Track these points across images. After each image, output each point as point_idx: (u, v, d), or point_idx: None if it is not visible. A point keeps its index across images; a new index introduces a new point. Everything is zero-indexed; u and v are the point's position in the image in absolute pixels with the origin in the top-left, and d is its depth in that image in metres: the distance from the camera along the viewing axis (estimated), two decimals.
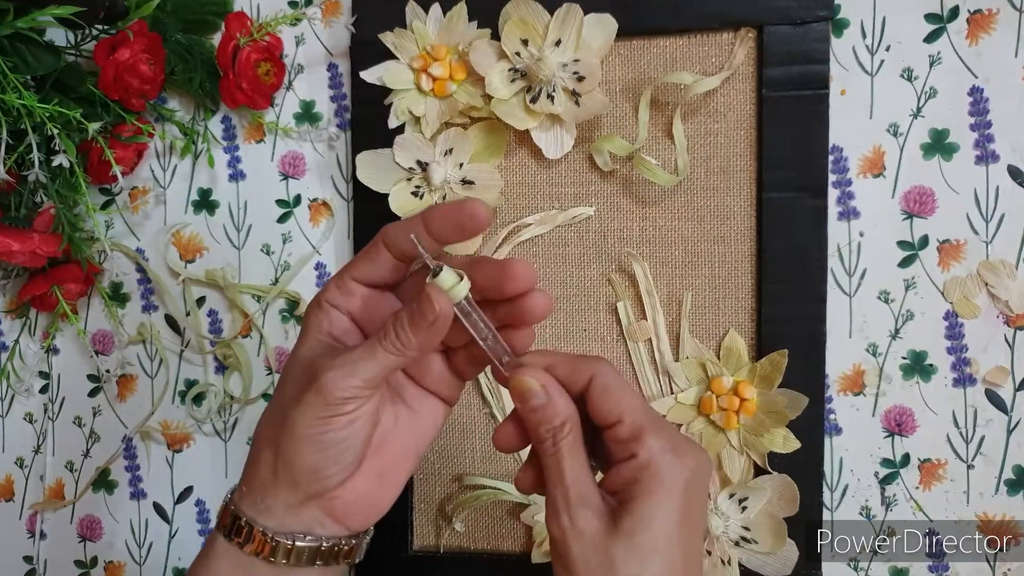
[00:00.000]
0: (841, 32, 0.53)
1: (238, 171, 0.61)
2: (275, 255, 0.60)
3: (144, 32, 0.55)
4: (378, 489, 0.38)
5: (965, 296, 0.52)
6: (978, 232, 0.52)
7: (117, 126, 0.58)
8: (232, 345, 0.61)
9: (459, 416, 0.58)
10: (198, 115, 0.61)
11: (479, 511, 0.58)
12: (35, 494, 0.65)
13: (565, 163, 0.56)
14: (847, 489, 0.54)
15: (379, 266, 0.36)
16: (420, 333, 0.34)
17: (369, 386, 0.34)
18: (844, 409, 0.54)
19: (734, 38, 0.53)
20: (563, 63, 0.52)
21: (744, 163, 0.54)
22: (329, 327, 0.37)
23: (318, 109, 0.60)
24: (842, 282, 0.54)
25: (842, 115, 0.53)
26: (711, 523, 0.52)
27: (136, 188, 0.62)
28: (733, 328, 0.54)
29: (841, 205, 0.53)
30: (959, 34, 0.52)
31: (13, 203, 0.57)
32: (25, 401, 0.65)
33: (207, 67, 0.58)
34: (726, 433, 0.53)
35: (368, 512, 0.38)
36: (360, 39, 0.57)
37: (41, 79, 0.55)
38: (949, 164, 0.52)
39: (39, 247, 0.56)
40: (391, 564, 0.58)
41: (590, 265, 0.56)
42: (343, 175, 0.59)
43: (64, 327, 0.64)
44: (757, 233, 0.54)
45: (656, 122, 0.55)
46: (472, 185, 0.55)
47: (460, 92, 0.55)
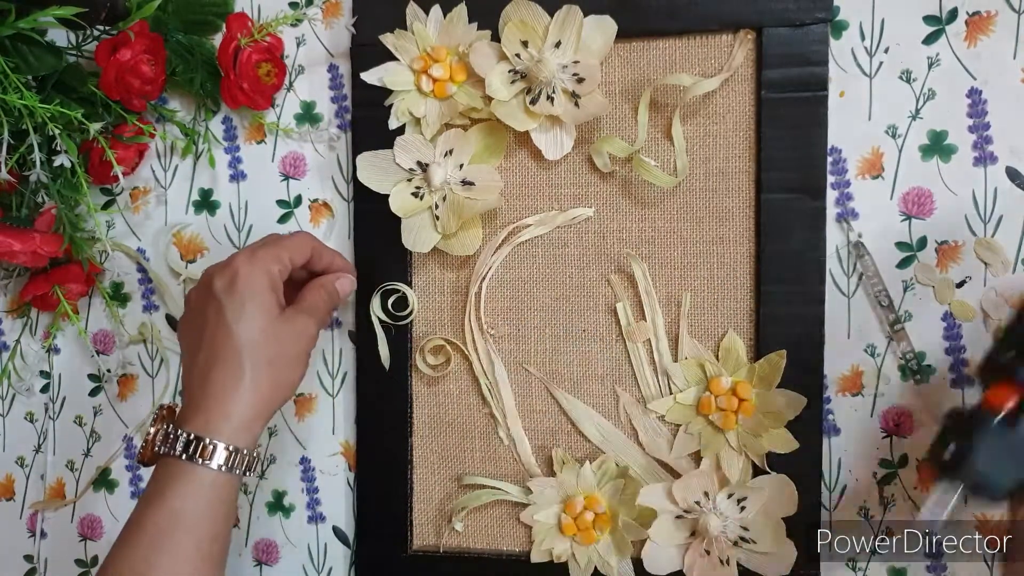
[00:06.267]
0: (840, 34, 0.53)
1: (239, 171, 0.61)
2: None
3: (145, 33, 0.55)
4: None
5: (962, 298, 0.53)
6: (976, 233, 0.52)
7: (118, 126, 0.58)
8: None
9: (459, 416, 0.58)
10: (199, 115, 0.61)
11: (479, 511, 0.58)
12: (36, 493, 0.65)
13: (565, 164, 0.56)
14: (845, 489, 0.54)
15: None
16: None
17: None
18: (842, 410, 0.54)
19: (733, 40, 0.53)
20: (563, 64, 0.52)
21: (743, 164, 0.54)
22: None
23: (319, 110, 0.60)
24: (840, 283, 0.54)
25: (841, 117, 0.53)
26: (710, 523, 0.52)
27: (137, 188, 0.63)
28: (732, 329, 0.54)
29: (840, 206, 0.54)
30: (958, 36, 0.52)
31: (14, 203, 0.58)
32: (26, 400, 0.65)
33: (208, 68, 0.58)
34: (725, 433, 0.53)
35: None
36: (361, 40, 0.57)
37: (42, 79, 0.55)
38: (947, 166, 0.53)
39: (40, 247, 0.56)
40: (391, 564, 0.58)
41: (589, 266, 0.56)
42: (343, 176, 0.60)
43: (65, 327, 0.64)
44: (756, 234, 0.54)
45: (655, 123, 0.55)
46: (472, 186, 0.55)
47: (460, 93, 0.55)
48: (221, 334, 0.46)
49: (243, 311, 0.46)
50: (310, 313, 0.50)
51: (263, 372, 0.46)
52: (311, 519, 0.61)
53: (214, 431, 0.45)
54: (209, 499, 0.45)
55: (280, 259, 0.49)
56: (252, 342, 0.46)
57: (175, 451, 0.45)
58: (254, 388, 0.46)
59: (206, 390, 0.46)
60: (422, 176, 0.55)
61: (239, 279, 0.47)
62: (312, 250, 0.52)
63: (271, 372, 0.47)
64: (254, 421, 0.46)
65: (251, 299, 0.47)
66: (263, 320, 0.47)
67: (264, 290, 0.47)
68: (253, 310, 0.47)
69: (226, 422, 0.45)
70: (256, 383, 0.46)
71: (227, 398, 0.45)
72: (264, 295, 0.47)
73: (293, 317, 0.48)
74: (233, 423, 0.45)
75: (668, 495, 0.53)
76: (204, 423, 0.45)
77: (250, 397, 0.46)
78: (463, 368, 0.58)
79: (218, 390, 0.46)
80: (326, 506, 0.61)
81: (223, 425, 0.45)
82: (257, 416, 0.46)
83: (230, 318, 0.46)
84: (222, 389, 0.46)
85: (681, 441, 0.54)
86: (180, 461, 0.45)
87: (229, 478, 0.45)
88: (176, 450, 0.45)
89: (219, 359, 0.46)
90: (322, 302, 0.51)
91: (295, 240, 0.51)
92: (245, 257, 0.48)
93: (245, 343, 0.46)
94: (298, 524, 0.61)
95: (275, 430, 0.61)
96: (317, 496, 0.61)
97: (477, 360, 0.57)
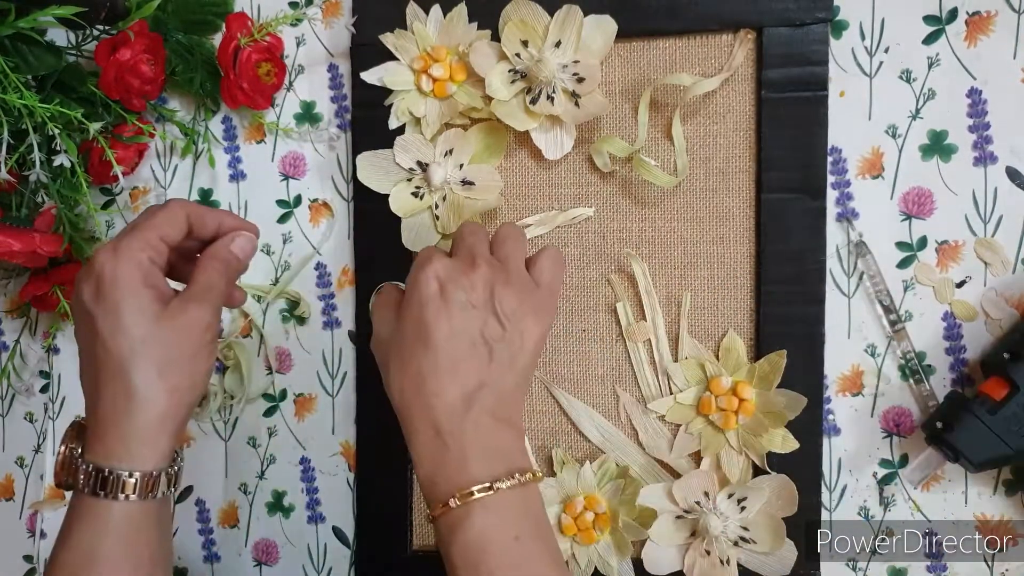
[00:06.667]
0: (840, 34, 0.53)
1: (239, 171, 0.61)
2: (275, 255, 0.61)
3: (145, 32, 0.55)
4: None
5: (962, 298, 0.53)
6: (976, 233, 0.52)
7: (118, 126, 0.58)
8: (232, 345, 0.61)
9: None
10: (199, 115, 0.61)
11: None
12: (35, 493, 0.65)
13: (565, 164, 0.56)
14: (846, 489, 0.54)
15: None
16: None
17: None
18: (843, 409, 0.54)
19: (733, 40, 0.53)
20: (563, 64, 0.52)
21: (743, 164, 0.54)
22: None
23: (318, 110, 0.60)
24: (840, 283, 0.54)
25: (841, 116, 0.53)
26: (710, 523, 0.52)
27: (137, 188, 0.63)
28: (732, 328, 0.54)
29: (840, 206, 0.54)
30: (958, 36, 0.52)
31: (14, 203, 0.57)
32: (26, 400, 0.65)
33: (208, 67, 0.58)
34: (725, 433, 0.53)
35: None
36: (360, 40, 0.57)
37: (42, 79, 0.55)
38: (948, 165, 0.53)
39: (40, 247, 0.56)
40: (391, 564, 0.58)
41: (589, 265, 0.56)
42: (343, 175, 0.60)
43: (65, 327, 0.64)
44: (756, 234, 0.54)
45: (655, 123, 0.55)
46: (472, 186, 0.55)
47: (460, 93, 0.55)
48: (100, 351, 0.41)
49: (117, 320, 0.41)
50: (201, 298, 0.43)
51: (155, 384, 0.41)
52: (311, 519, 0.61)
53: (115, 459, 0.40)
54: (124, 534, 0.41)
55: (149, 242, 0.42)
56: (134, 353, 0.41)
57: (79, 484, 0.41)
58: (148, 403, 0.41)
59: (98, 414, 0.41)
60: (422, 176, 0.55)
61: (104, 282, 0.41)
62: (189, 217, 0.45)
63: (165, 381, 0.41)
64: (158, 438, 0.41)
65: (123, 302, 0.41)
66: (142, 325, 0.41)
67: (136, 288, 0.41)
68: (128, 315, 0.41)
69: (124, 447, 0.41)
70: (149, 397, 0.41)
71: (120, 420, 0.41)
72: (137, 294, 0.41)
73: (180, 310, 0.42)
74: (132, 447, 0.41)
75: (668, 495, 0.53)
76: (103, 452, 0.41)
77: (146, 415, 0.41)
78: None
79: (109, 412, 0.41)
80: (326, 506, 0.61)
81: (122, 451, 0.41)
82: (161, 431, 0.41)
83: (104, 331, 0.41)
84: (113, 411, 0.41)
85: (681, 441, 0.54)
86: (86, 496, 0.41)
87: (143, 506, 0.41)
88: (79, 482, 0.41)
89: (103, 379, 0.41)
90: (217, 276, 0.44)
91: (164, 213, 0.44)
92: (108, 253, 0.42)
93: (127, 356, 0.41)
94: (298, 524, 0.61)
95: (275, 430, 0.61)
96: (317, 496, 0.61)
97: None
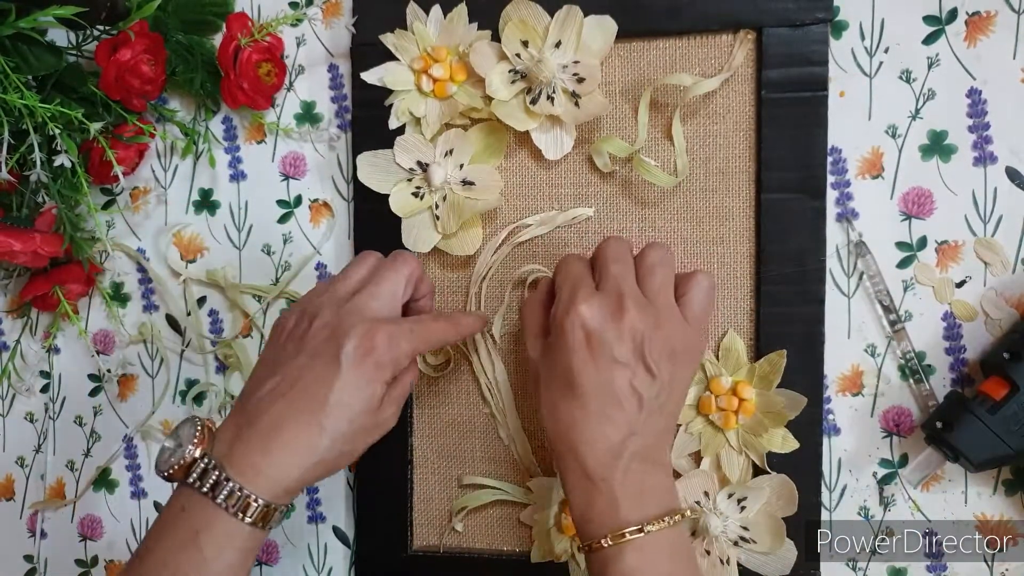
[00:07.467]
0: (840, 34, 0.53)
1: (239, 171, 0.61)
2: (276, 255, 0.61)
3: (145, 32, 0.55)
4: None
5: (962, 298, 0.53)
6: (976, 233, 0.52)
7: (118, 126, 0.58)
8: (233, 345, 0.61)
9: (459, 416, 0.58)
10: (199, 115, 0.61)
11: (479, 511, 0.58)
12: (36, 493, 0.65)
13: (565, 164, 0.56)
14: (846, 489, 0.54)
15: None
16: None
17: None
18: (842, 409, 0.54)
19: (733, 40, 0.53)
20: (563, 64, 0.52)
21: (743, 164, 0.54)
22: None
23: (319, 110, 0.60)
24: (840, 283, 0.54)
25: (841, 117, 0.53)
26: (710, 522, 0.52)
27: (137, 188, 0.63)
28: (732, 328, 0.54)
29: (840, 206, 0.54)
30: (957, 36, 0.52)
31: (15, 203, 0.58)
32: (26, 400, 0.65)
33: (208, 67, 0.59)
34: (725, 433, 0.53)
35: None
36: (361, 40, 0.57)
37: (42, 79, 0.55)
38: (947, 165, 0.53)
39: (41, 247, 0.56)
40: (391, 564, 0.58)
41: None
42: (344, 176, 0.60)
43: (65, 327, 0.64)
44: (756, 234, 0.54)
45: (655, 123, 0.55)
46: (472, 186, 0.55)
47: (460, 93, 0.55)
48: (319, 397, 0.43)
49: (357, 392, 0.43)
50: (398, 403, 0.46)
51: (336, 448, 0.43)
52: (311, 519, 0.61)
53: (263, 488, 0.41)
54: (244, 555, 0.42)
55: (417, 348, 0.46)
56: (344, 421, 0.43)
57: (212, 494, 0.41)
58: (322, 463, 0.43)
59: (269, 443, 0.42)
60: (422, 176, 0.55)
61: (369, 360, 0.43)
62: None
63: (341, 448, 0.43)
64: (302, 485, 0.43)
65: (368, 386, 0.43)
66: (366, 408, 0.43)
67: (385, 379, 0.44)
68: (366, 396, 0.43)
69: (278, 484, 0.42)
70: (325, 458, 0.43)
71: (289, 463, 0.42)
72: (380, 384, 0.44)
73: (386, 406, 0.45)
74: (282, 486, 0.42)
75: None
76: (253, 475, 0.41)
77: (313, 470, 0.43)
78: (463, 368, 0.58)
79: (283, 449, 0.42)
80: (326, 506, 0.61)
81: (274, 486, 0.42)
82: (308, 483, 0.44)
83: (339, 390, 0.43)
84: (291, 452, 0.42)
85: (681, 441, 0.54)
86: (216, 507, 0.41)
87: (260, 534, 0.43)
88: (215, 495, 0.41)
89: (300, 420, 0.42)
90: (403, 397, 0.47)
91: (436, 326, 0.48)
92: (388, 337, 0.44)
93: (338, 422, 0.43)
94: (298, 524, 0.61)
95: None
96: (317, 496, 0.61)
97: (477, 360, 0.57)
